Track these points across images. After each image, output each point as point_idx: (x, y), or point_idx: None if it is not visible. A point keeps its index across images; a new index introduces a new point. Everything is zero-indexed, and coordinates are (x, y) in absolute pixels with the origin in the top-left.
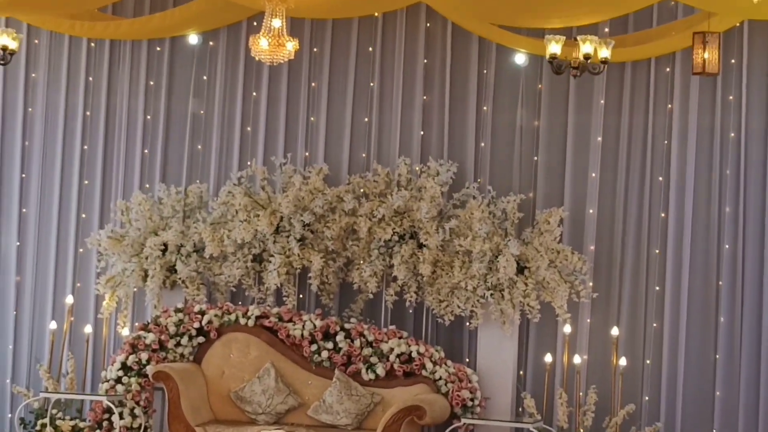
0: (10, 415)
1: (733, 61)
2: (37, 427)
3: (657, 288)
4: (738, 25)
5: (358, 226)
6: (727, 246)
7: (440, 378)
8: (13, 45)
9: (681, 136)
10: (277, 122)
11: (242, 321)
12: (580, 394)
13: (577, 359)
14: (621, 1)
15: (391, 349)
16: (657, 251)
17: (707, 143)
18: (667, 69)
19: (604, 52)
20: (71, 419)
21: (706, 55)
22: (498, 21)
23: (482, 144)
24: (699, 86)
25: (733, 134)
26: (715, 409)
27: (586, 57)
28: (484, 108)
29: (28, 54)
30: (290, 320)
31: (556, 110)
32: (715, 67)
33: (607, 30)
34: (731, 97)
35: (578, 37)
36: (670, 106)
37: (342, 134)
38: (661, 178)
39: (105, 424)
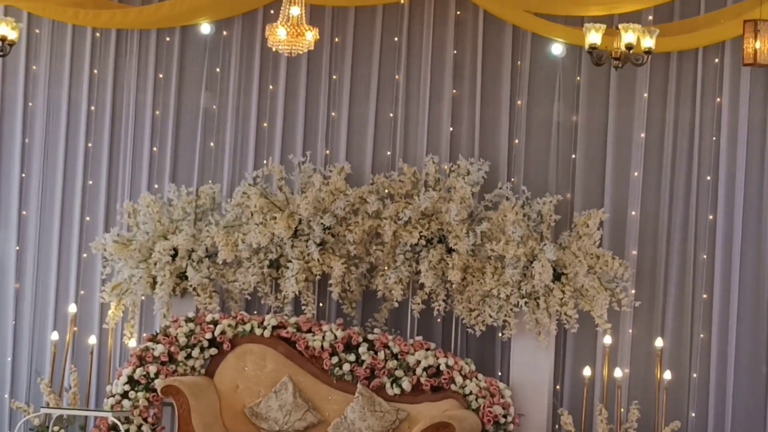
0: (9, 431)
1: None
2: None
3: (704, 296)
4: None
5: (382, 229)
6: None
7: (470, 393)
8: (12, 35)
9: (731, 131)
10: (295, 118)
11: (258, 331)
12: (621, 410)
13: (618, 373)
14: None
15: (418, 362)
16: (705, 256)
17: (759, 139)
18: (716, 60)
19: (648, 42)
20: None
21: (757, 45)
22: (533, 8)
23: (516, 141)
24: (750, 78)
25: None
26: (767, 426)
27: (629, 47)
28: (518, 102)
29: (28, 45)
30: (309, 330)
31: (596, 104)
32: (767, 57)
33: (651, 18)
34: None
35: (620, 26)
36: (719, 99)
37: (365, 131)
38: (709, 178)
39: None
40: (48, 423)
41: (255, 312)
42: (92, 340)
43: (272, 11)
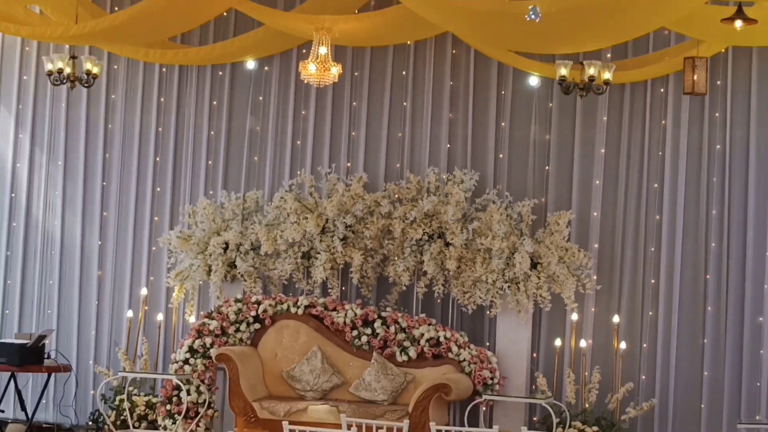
0: (93, 392)
1: (718, 82)
2: (116, 402)
3: (652, 281)
4: (723, 51)
5: (393, 227)
6: (713, 244)
7: (464, 360)
8: (95, 70)
9: (673, 148)
10: (323, 137)
11: (293, 310)
12: (586, 373)
13: (583, 343)
14: (621, 31)
15: (422, 335)
16: (652, 249)
17: (696, 154)
18: (662, 89)
19: (607, 75)
20: (145, 395)
21: (695, 78)
22: (514, 48)
23: (500, 155)
24: (689, 105)
25: (719, 146)
26: (703, 387)
27: (591, 79)
28: (502, 124)
29: (108, 78)
30: (334, 309)
31: (565, 126)
32: (703, 87)
33: (609, 55)
34: (717, 114)
35: (584, 62)
36: (663, 122)
37: (379, 147)
38: (656, 185)
39: (174, 399)
40: (124, 384)
41: (290, 294)
42: (160, 317)
43: (304, 50)
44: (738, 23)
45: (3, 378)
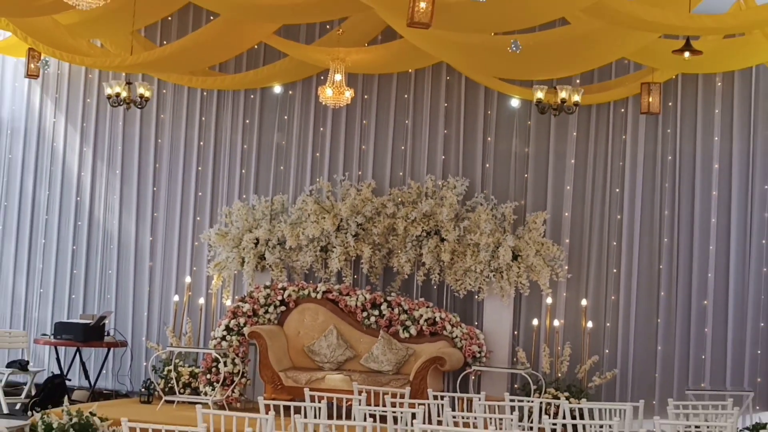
0: (145, 364)
1: (670, 103)
2: (165, 372)
3: (614, 270)
4: (674, 77)
5: (396, 225)
6: (665, 239)
7: (456, 336)
8: (147, 94)
9: (632, 159)
10: (338, 149)
11: (312, 295)
12: (559, 348)
13: (556, 323)
14: (588, 60)
15: (421, 316)
16: (614, 243)
17: (651, 164)
18: (622, 110)
19: (576, 98)
20: (189, 366)
21: (650, 100)
22: (498, 75)
23: (487, 165)
24: (645, 122)
25: (670, 157)
26: (657, 359)
27: (563, 101)
28: (488, 139)
29: (158, 100)
30: (347, 294)
31: (541, 140)
32: (657, 108)
33: (578, 81)
34: (669, 130)
35: (557, 87)
36: (624, 137)
37: (385, 158)
38: (617, 190)
39: (213, 370)
40: (171, 357)
41: (310, 281)
42: (201, 300)
43: (322, 77)
44: (686, 54)
45: (70, 352)
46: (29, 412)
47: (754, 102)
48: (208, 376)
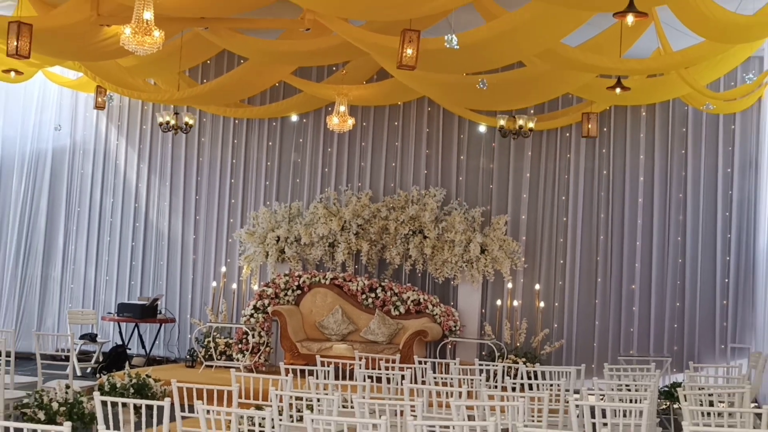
0: (189, 336)
1: (605, 129)
2: (205, 343)
3: (561, 261)
4: (608, 108)
5: (389, 226)
6: (602, 237)
7: (436, 314)
8: (191, 122)
9: (575, 173)
10: (342, 165)
11: (322, 281)
12: (517, 323)
13: (515, 303)
14: (540, 95)
15: (408, 297)
16: (561, 240)
17: (590, 177)
18: (567, 134)
19: (531, 124)
20: (224, 338)
21: (589, 126)
22: (469, 107)
23: (460, 178)
24: (585, 144)
25: (605, 172)
26: (595, 332)
27: (520, 127)
28: (461, 157)
29: (199, 127)
30: (350, 280)
31: (503, 158)
32: (595, 132)
33: (532, 111)
34: (604, 150)
35: (516, 116)
36: (569, 155)
37: (379, 173)
38: (563, 197)
39: (244, 340)
40: (210, 331)
41: (321, 271)
42: (234, 286)
43: (329, 108)
44: (618, 90)
45: (130, 327)
46: (97, 375)
47: (670, 128)
48: (240, 345)
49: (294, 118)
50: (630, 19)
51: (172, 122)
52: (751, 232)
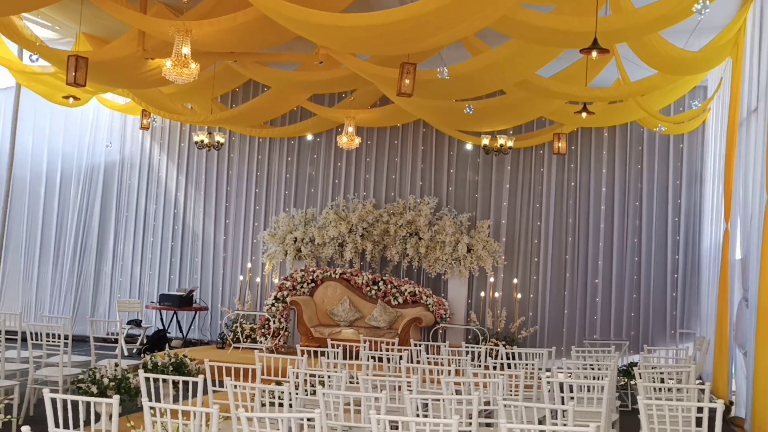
0: (220, 322)
1: (573, 147)
2: (233, 328)
3: (536, 259)
4: (576, 129)
5: (389, 229)
6: (570, 238)
7: (430, 304)
8: (222, 140)
9: (547, 184)
10: (350, 177)
11: (333, 276)
12: (498, 311)
13: (496, 294)
14: (518, 118)
15: (406, 290)
16: (536, 241)
17: (561, 188)
18: (541, 151)
19: (510, 143)
20: (249, 324)
21: (560, 144)
22: (458, 128)
23: (450, 188)
24: (556, 160)
25: (573, 183)
26: (564, 319)
27: (501, 145)
28: (451, 171)
29: (229, 145)
30: (356, 275)
31: (486, 172)
32: (564, 150)
33: (511, 132)
34: (572, 165)
35: (497, 135)
36: (542, 169)
37: (382, 183)
38: (537, 205)
39: (266, 326)
40: (237, 317)
41: (331, 267)
42: (258, 279)
43: (339, 129)
44: (584, 114)
45: (169, 314)
46: (141, 355)
47: (628, 146)
48: (262, 330)
49: (309, 137)
50: (594, 54)
51: (206, 141)
52: (696, 235)
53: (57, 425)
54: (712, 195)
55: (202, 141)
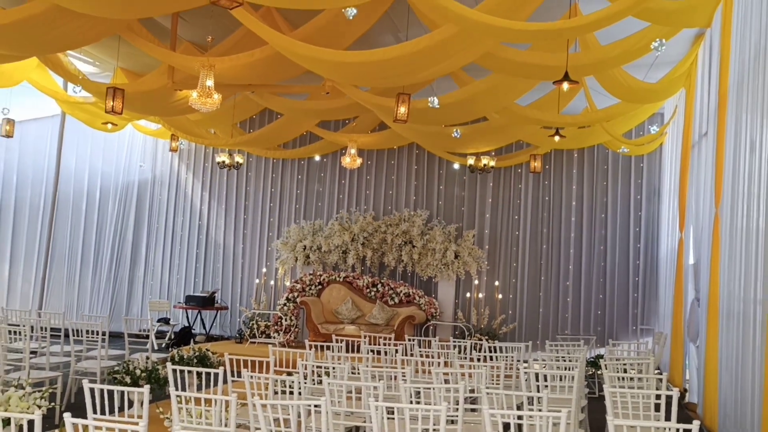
0: (239, 319)
1: (547, 166)
2: (250, 324)
3: (514, 264)
4: (549, 151)
5: (387, 238)
6: (545, 246)
7: (422, 303)
8: (241, 161)
9: (524, 199)
10: (352, 193)
11: (337, 279)
12: (482, 310)
13: (480, 295)
14: (498, 141)
15: (401, 291)
16: (514, 248)
17: (536, 202)
18: (519, 170)
19: (492, 163)
20: (264, 321)
21: (536, 164)
22: (446, 150)
23: (440, 202)
24: (533, 178)
25: (547, 198)
26: (540, 317)
27: (484, 165)
28: (441, 187)
29: (247, 164)
30: (358, 278)
31: (471, 188)
32: (540, 169)
33: (493, 153)
34: (547, 182)
35: (481, 156)
36: (520, 186)
37: (380, 198)
38: (516, 217)
39: (279, 323)
40: (254, 316)
41: (336, 271)
42: (272, 282)
43: (344, 151)
44: (557, 138)
45: (194, 313)
46: (170, 349)
47: (595, 166)
48: (276, 327)
49: (317, 158)
50: (565, 86)
51: (227, 161)
52: (654, 243)
53: (95, 411)
54: (669, 208)
55: (223, 161)
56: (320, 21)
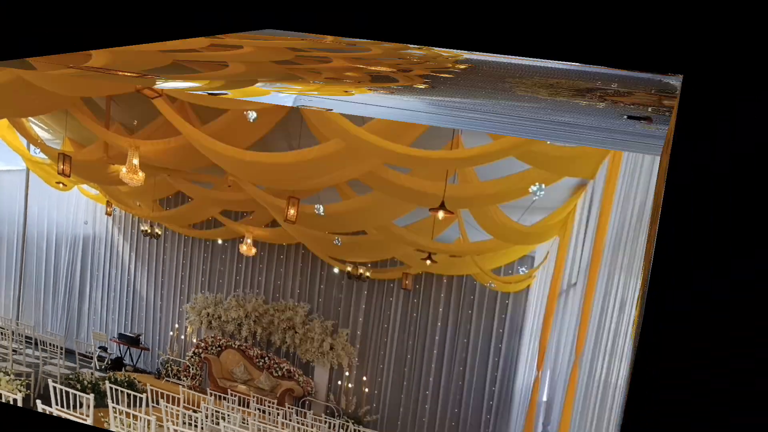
0: (158, 360)
1: (418, 285)
2: (165, 366)
3: (381, 366)
4: (420, 273)
5: (274, 320)
6: (409, 356)
7: (301, 381)
8: (159, 232)
9: (395, 311)
10: (248, 277)
11: (233, 345)
12: (350, 398)
13: (350, 385)
14: (374, 255)
15: (284, 367)
16: (382, 352)
17: (405, 315)
18: (392, 285)
19: (368, 273)
20: (176, 367)
21: (407, 282)
22: (328, 255)
23: (320, 299)
24: (403, 293)
25: (415, 314)
26: (399, 416)
27: (360, 274)
28: (321, 286)
29: (164, 236)
30: (250, 349)
31: (349, 292)
32: (410, 287)
33: (369, 264)
34: (416, 300)
35: (358, 265)
36: (391, 299)
37: (270, 286)
38: (386, 326)
39: (187, 370)
40: (169, 360)
41: (233, 339)
42: (183, 336)
43: (242, 239)
44: (428, 262)
45: (125, 347)
46: (107, 372)
47: (463, 293)
48: (185, 372)
49: (219, 241)
50: (440, 214)
51: (149, 230)
52: (511, 377)
53: (56, 404)
54: (529, 347)
55: (146, 230)
56: (226, 119)
